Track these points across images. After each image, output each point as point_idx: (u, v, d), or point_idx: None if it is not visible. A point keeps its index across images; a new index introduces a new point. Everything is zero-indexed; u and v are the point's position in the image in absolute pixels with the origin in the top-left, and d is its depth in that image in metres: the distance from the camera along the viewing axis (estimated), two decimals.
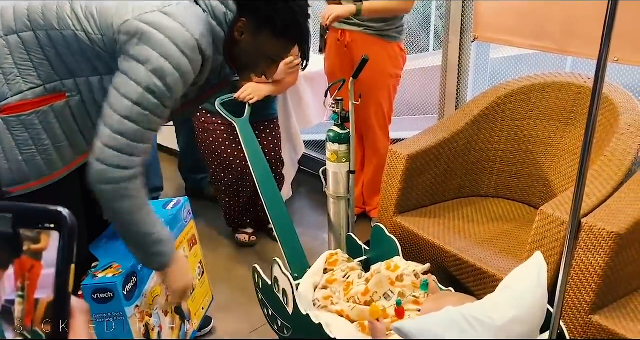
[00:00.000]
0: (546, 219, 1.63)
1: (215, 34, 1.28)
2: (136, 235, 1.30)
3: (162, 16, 1.20)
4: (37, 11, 1.27)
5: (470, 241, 1.94)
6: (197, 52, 1.22)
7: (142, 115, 1.20)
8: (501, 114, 2.20)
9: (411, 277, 1.61)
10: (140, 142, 1.23)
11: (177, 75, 1.20)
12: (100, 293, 1.37)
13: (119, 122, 1.20)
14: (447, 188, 2.23)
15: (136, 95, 1.19)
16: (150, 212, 1.30)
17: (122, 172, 1.22)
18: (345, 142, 1.98)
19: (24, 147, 1.31)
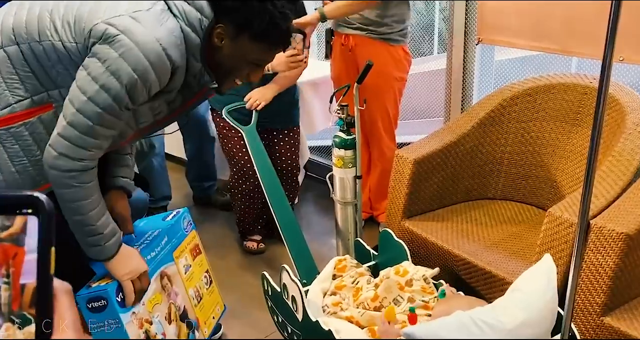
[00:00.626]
0: (555, 220, 1.62)
1: (190, 40, 1.27)
2: (76, 224, 1.31)
3: (130, 20, 1.21)
4: (22, 25, 1.29)
5: (479, 244, 1.93)
6: (163, 59, 1.22)
7: (95, 112, 1.21)
8: (507, 116, 2.20)
9: (420, 282, 1.60)
10: (92, 137, 1.24)
11: (136, 79, 1.20)
12: (94, 302, 1.38)
13: (72, 115, 1.22)
14: (455, 191, 2.22)
15: (92, 91, 1.20)
16: (96, 205, 1.31)
17: (70, 162, 1.24)
18: (351, 148, 1.98)
19: (16, 159, 1.33)
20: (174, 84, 1.31)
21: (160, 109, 1.37)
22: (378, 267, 1.83)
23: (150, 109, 1.35)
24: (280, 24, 1.29)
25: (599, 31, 1.04)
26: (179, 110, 1.45)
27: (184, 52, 1.27)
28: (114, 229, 1.37)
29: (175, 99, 1.38)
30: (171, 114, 1.43)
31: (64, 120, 1.23)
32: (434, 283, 1.65)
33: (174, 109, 1.42)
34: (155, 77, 1.22)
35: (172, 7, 1.27)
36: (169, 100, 1.37)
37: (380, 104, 2.62)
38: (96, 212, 1.31)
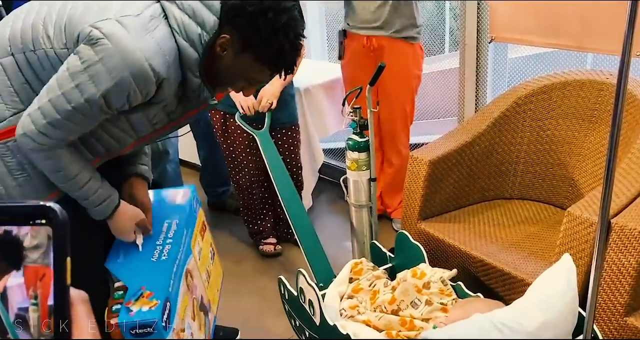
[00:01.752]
0: (574, 220, 1.59)
1: (187, 54, 1.23)
2: (62, 187, 1.32)
3: (116, 25, 1.18)
4: (17, 35, 1.28)
5: (497, 245, 1.90)
6: (144, 70, 1.18)
7: (65, 108, 1.20)
8: (522, 115, 2.17)
9: (438, 284, 1.59)
10: (57, 129, 1.22)
11: (112, 86, 1.18)
12: (139, 329, 1.36)
13: (44, 103, 1.21)
14: (471, 192, 2.20)
15: (67, 88, 1.19)
16: (72, 174, 1.30)
17: (32, 143, 1.23)
18: (365, 150, 1.97)
19: (16, 172, 1.32)
20: (163, 95, 1.27)
21: (158, 119, 1.35)
22: (395, 270, 1.82)
23: (145, 119, 1.33)
24: (287, 56, 1.27)
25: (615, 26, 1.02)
26: (180, 120, 1.43)
27: (171, 63, 1.23)
28: (102, 194, 1.35)
29: (175, 109, 1.36)
30: (172, 123, 1.42)
31: (36, 104, 1.22)
32: (451, 285, 1.63)
33: (175, 119, 1.40)
34: (135, 88, 1.20)
35: (170, 19, 1.22)
36: (168, 110, 1.36)
37: (399, 103, 2.64)
38: (79, 178, 1.30)
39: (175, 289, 1.42)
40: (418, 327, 1.52)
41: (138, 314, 1.34)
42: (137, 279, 1.42)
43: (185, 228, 1.55)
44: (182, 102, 1.36)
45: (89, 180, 1.32)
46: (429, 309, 1.54)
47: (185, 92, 1.32)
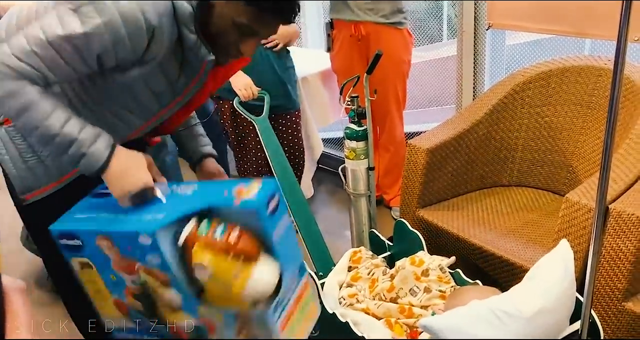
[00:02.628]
0: (572, 206, 1.59)
1: (180, 7, 1.19)
2: (44, 141, 1.17)
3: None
4: (22, 15, 1.23)
5: (496, 232, 1.91)
6: (135, 14, 1.14)
7: (43, 45, 1.12)
8: (520, 101, 2.17)
9: (437, 271, 1.59)
10: (24, 61, 1.11)
11: (102, 26, 1.12)
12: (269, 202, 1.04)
13: (21, 31, 1.13)
14: (469, 179, 2.20)
15: (48, 25, 1.12)
16: (49, 109, 1.14)
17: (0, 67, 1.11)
18: (363, 139, 1.96)
19: (27, 155, 1.32)
20: (157, 50, 1.21)
21: (160, 87, 1.30)
22: (393, 258, 1.82)
23: (146, 87, 1.28)
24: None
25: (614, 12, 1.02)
26: (185, 91, 1.38)
27: (164, 15, 1.18)
28: (94, 134, 1.17)
29: (178, 78, 1.32)
30: (178, 97, 1.37)
31: (21, 33, 1.13)
32: (450, 272, 1.64)
33: (180, 90, 1.35)
34: (122, 31, 1.14)
35: None
36: (171, 79, 1.31)
37: (392, 89, 2.65)
38: (54, 118, 1.14)
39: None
40: (417, 315, 1.52)
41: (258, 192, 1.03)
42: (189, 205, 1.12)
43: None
44: (183, 69, 1.31)
45: (69, 119, 1.16)
46: (427, 296, 1.55)
47: (184, 54, 1.27)
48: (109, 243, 1.16)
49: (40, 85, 1.14)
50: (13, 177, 1.35)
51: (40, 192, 1.35)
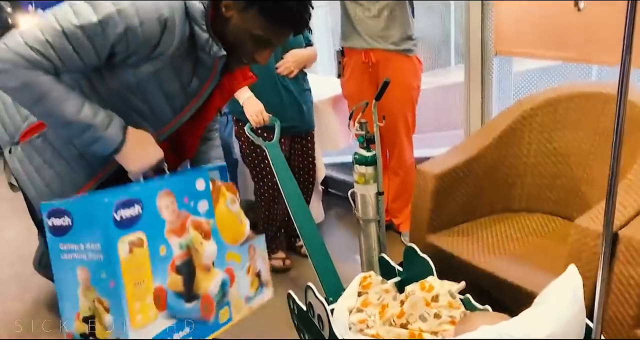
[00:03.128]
0: (582, 232, 1.59)
1: (191, 5, 1.23)
2: (60, 127, 1.21)
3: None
4: None
5: (506, 258, 1.90)
6: (149, 4, 1.17)
7: (57, 35, 1.14)
8: (528, 127, 2.18)
9: (447, 297, 1.59)
10: (37, 51, 1.13)
11: (115, 13, 1.15)
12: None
13: (40, 25, 1.15)
14: (479, 205, 2.21)
15: (62, 15, 1.15)
16: (63, 98, 1.17)
17: (12, 56, 1.12)
18: (372, 164, 1.98)
19: (44, 171, 1.34)
20: (167, 43, 1.23)
21: (172, 89, 1.32)
22: (403, 283, 1.82)
23: (159, 89, 1.30)
24: (291, 4, 1.23)
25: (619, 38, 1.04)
26: (199, 94, 1.39)
27: (178, 8, 1.21)
28: (107, 116, 1.23)
29: (191, 81, 1.34)
30: (192, 101, 1.39)
31: (36, 24, 1.16)
32: (460, 298, 1.63)
33: (193, 93, 1.37)
34: (136, 20, 1.16)
35: None
36: (184, 80, 1.33)
37: (401, 114, 2.70)
38: (69, 105, 1.18)
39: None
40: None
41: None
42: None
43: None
44: (196, 70, 1.33)
45: (83, 104, 1.20)
46: (437, 322, 1.54)
47: (197, 53, 1.29)
48: (169, 198, 1.23)
49: (52, 74, 1.16)
50: (32, 197, 1.38)
51: None
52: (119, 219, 1.13)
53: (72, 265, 1.19)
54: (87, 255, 1.16)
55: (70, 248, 1.18)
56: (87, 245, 1.15)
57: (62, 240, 1.18)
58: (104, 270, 1.14)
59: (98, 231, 1.13)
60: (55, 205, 1.19)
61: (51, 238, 1.21)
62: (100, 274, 1.15)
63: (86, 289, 1.19)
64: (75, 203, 1.18)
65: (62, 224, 1.17)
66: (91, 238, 1.14)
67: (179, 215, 1.26)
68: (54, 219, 1.18)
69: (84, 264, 1.17)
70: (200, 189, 1.31)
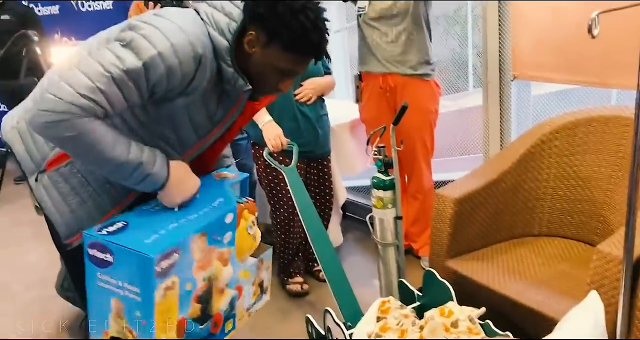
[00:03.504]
0: (604, 257, 1.57)
1: (218, 42, 1.28)
2: (112, 169, 1.25)
3: (153, 16, 1.26)
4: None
5: (526, 283, 1.88)
6: (184, 42, 1.22)
7: (106, 80, 1.17)
8: (548, 151, 2.17)
9: (466, 323, 1.57)
10: (89, 98, 1.16)
11: (157, 56, 1.19)
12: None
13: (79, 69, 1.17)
14: (498, 229, 2.19)
15: (108, 61, 1.19)
16: (113, 141, 1.22)
17: (68, 107, 1.16)
18: (390, 189, 1.99)
19: (69, 198, 1.38)
20: (200, 79, 1.29)
21: (200, 119, 1.37)
22: (423, 308, 1.81)
23: (188, 119, 1.35)
24: (312, 36, 1.28)
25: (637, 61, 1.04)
26: (222, 122, 1.45)
27: (208, 45, 1.27)
28: (152, 153, 1.29)
29: (217, 110, 1.39)
30: (215, 128, 1.44)
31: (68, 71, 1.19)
32: (480, 323, 1.61)
33: (217, 121, 1.43)
34: (176, 60, 1.21)
35: (200, 12, 1.30)
36: (211, 112, 1.38)
37: (419, 138, 2.70)
38: (120, 147, 1.23)
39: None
40: None
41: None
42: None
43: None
44: (221, 101, 1.38)
45: (130, 145, 1.26)
46: None
47: (222, 86, 1.35)
48: (202, 239, 1.27)
49: (102, 119, 1.21)
50: (57, 224, 1.41)
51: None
52: (159, 270, 1.18)
53: (107, 294, 1.23)
54: (123, 292, 1.20)
55: (108, 280, 1.22)
56: (126, 285, 1.19)
57: (101, 271, 1.22)
58: (139, 310, 1.19)
59: (139, 279, 1.17)
60: (98, 239, 1.21)
61: (90, 265, 1.24)
62: (134, 312, 1.20)
63: (118, 317, 1.23)
64: (119, 247, 1.19)
65: (102, 259, 1.21)
66: (130, 280, 1.19)
67: (207, 251, 1.30)
68: (95, 250, 1.22)
69: (119, 298, 1.21)
70: (227, 222, 1.36)
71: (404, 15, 2.56)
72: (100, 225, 1.27)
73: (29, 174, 1.42)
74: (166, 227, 1.25)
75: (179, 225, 1.28)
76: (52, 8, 4.91)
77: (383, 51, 2.62)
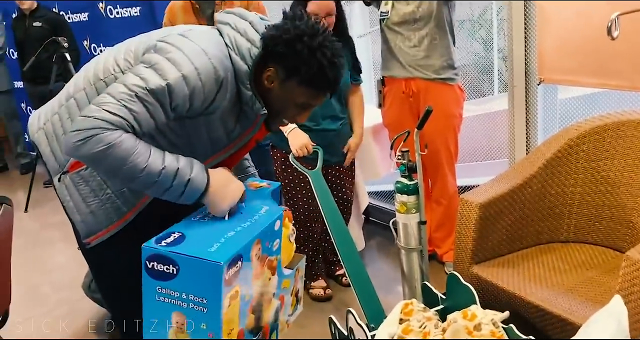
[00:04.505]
0: (634, 264, 1.54)
1: (238, 67, 1.33)
2: (149, 182, 1.25)
3: (178, 37, 1.30)
4: (90, 71, 1.41)
5: (553, 290, 1.85)
6: (208, 66, 1.26)
7: (133, 100, 1.21)
8: (575, 156, 2.14)
9: (489, 326, 1.55)
10: (117, 115, 1.20)
11: (181, 78, 1.23)
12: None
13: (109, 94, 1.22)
14: (524, 235, 2.16)
15: (130, 81, 1.23)
16: (147, 152, 1.23)
17: (97, 123, 1.19)
18: (414, 193, 1.98)
19: (89, 199, 1.42)
20: (221, 100, 1.33)
21: (217, 135, 1.41)
22: (446, 312, 1.79)
23: (206, 134, 1.39)
24: (329, 73, 1.34)
25: None
26: (238, 140, 1.50)
27: (229, 68, 1.32)
28: (187, 160, 1.30)
29: (234, 128, 1.44)
30: (231, 144, 1.48)
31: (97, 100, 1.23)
32: (503, 327, 1.59)
33: (234, 138, 1.47)
34: (200, 82, 1.26)
35: (224, 35, 1.35)
36: (228, 129, 1.43)
37: (442, 142, 2.68)
38: (154, 157, 1.24)
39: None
40: None
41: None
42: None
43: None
44: (239, 120, 1.43)
45: (164, 153, 1.27)
46: None
47: (241, 107, 1.40)
48: (258, 247, 1.27)
49: (131, 132, 1.24)
50: (77, 223, 1.46)
51: (103, 235, 1.45)
52: (227, 278, 1.16)
53: (168, 308, 1.20)
54: (187, 305, 1.18)
55: (169, 293, 1.20)
56: (190, 297, 1.17)
57: (161, 284, 1.20)
58: (205, 323, 1.17)
59: (207, 288, 1.15)
60: (160, 251, 1.20)
61: (148, 279, 1.22)
62: (200, 325, 1.17)
63: (179, 332, 1.21)
64: (185, 257, 1.18)
65: (164, 271, 1.19)
66: (196, 291, 1.16)
67: (261, 259, 1.30)
68: (155, 263, 1.20)
69: (182, 311, 1.19)
70: (276, 230, 1.37)
71: (427, 20, 2.55)
72: (156, 238, 1.24)
73: (54, 174, 1.47)
74: (224, 236, 1.24)
75: (237, 233, 1.26)
76: (81, 15, 5.01)
77: (406, 55, 2.62)
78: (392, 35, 2.65)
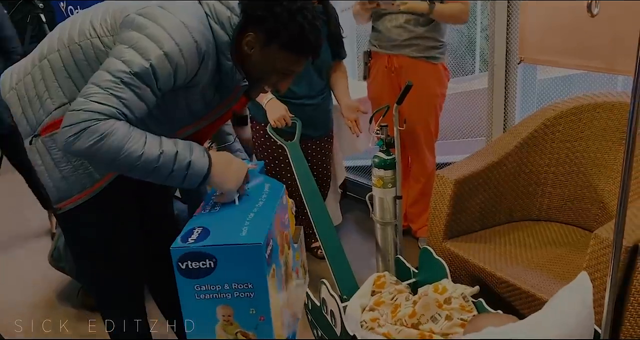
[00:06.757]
0: (601, 243, 1.58)
1: (219, 37, 1.30)
2: (148, 167, 1.22)
3: (157, 9, 1.26)
4: (64, 32, 1.37)
5: (523, 267, 1.89)
6: (189, 41, 1.23)
7: (118, 87, 1.18)
8: (551, 136, 2.17)
9: (459, 300, 1.59)
10: (106, 104, 1.17)
11: (163, 56, 1.20)
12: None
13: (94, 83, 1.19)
14: (497, 212, 2.19)
15: (115, 68, 1.20)
16: (142, 138, 1.21)
17: (89, 115, 1.17)
18: (391, 168, 1.99)
19: (61, 164, 1.39)
20: (203, 75, 1.31)
21: (197, 107, 1.40)
22: (418, 285, 1.83)
23: (185, 106, 1.37)
24: (310, 36, 1.32)
25: None
26: (218, 109, 1.47)
27: (210, 40, 1.29)
28: (185, 143, 1.28)
29: (213, 97, 1.42)
30: (211, 112, 1.46)
31: (86, 89, 1.21)
32: (472, 301, 1.63)
33: (213, 106, 1.45)
34: (182, 59, 1.23)
35: (204, 5, 1.31)
36: (207, 99, 1.40)
37: (423, 120, 2.68)
38: (150, 143, 1.22)
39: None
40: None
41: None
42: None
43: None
44: (219, 89, 1.41)
45: (160, 138, 1.24)
46: (448, 324, 1.54)
47: (221, 78, 1.37)
48: (278, 223, 1.28)
49: (123, 119, 1.21)
50: (49, 188, 1.43)
51: (73, 201, 1.43)
52: (267, 257, 1.15)
53: (211, 304, 1.18)
54: (232, 295, 1.16)
55: (209, 289, 1.17)
56: (234, 285, 1.15)
57: (199, 282, 1.17)
58: (254, 307, 1.16)
59: (250, 273, 1.14)
60: (192, 249, 1.15)
61: (183, 280, 1.18)
62: (249, 311, 1.16)
63: (227, 324, 1.19)
64: (221, 248, 1.15)
65: (201, 267, 1.15)
66: (240, 278, 1.15)
67: (282, 235, 1.30)
68: (189, 262, 1.16)
69: (227, 303, 1.17)
70: (285, 204, 1.38)
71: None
72: (180, 237, 1.20)
73: (25, 137, 1.43)
74: (247, 218, 1.22)
75: (257, 214, 1.25)
76: None
77: (391, 33, 2.60)
78: (378, 13, 2.62)
